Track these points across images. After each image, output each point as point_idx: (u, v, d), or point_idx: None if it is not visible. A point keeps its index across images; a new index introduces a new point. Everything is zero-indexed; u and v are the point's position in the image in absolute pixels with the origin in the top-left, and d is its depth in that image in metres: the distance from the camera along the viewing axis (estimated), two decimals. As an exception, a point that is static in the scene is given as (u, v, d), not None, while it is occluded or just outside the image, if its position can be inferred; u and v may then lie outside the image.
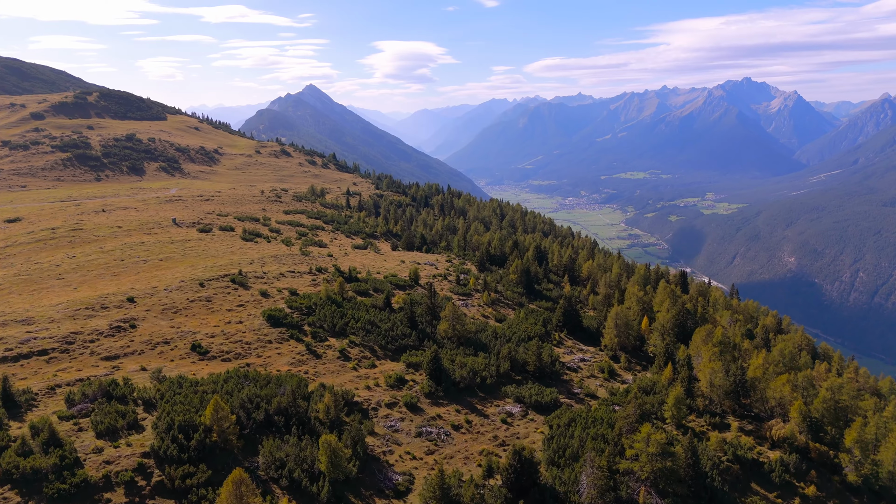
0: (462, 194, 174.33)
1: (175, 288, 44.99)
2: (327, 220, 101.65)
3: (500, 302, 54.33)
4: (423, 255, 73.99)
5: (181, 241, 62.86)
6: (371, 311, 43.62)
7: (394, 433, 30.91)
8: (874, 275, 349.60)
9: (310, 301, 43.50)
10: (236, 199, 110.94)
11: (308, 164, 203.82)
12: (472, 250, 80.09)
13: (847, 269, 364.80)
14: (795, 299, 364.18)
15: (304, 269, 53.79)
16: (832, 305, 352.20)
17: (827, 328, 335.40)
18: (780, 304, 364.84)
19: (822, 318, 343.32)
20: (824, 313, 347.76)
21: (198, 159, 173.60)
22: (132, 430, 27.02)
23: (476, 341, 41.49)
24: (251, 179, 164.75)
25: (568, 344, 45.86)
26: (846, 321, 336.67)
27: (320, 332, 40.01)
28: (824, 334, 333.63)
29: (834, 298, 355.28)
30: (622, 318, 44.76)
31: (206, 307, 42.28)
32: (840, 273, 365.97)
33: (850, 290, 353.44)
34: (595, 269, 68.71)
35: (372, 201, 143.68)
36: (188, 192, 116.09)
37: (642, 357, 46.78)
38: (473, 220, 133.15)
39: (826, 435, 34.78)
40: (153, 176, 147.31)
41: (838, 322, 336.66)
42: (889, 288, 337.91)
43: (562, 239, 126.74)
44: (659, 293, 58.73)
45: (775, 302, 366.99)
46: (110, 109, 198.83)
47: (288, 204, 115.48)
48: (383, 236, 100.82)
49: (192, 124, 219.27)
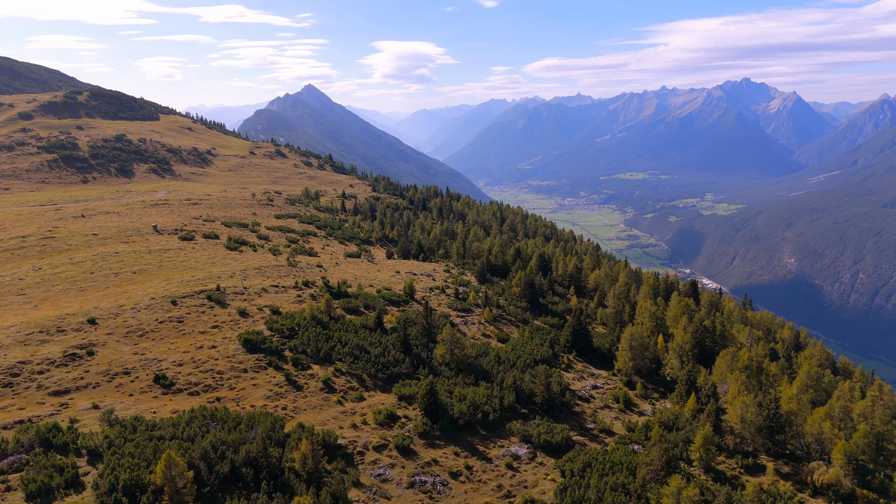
0: (461, 197, 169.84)
1: (144, 306, 40.71)
2: (320, 226, 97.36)
3: (502, 318, 50.14)
4: (419, 264, 69.79)
5: (159, 250, 58.53)
6: (360, 333, 39.41)
7: (382, 483, 26.71)
8: (874, 276, 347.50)
9: (292, 322, 39.26)
10: (226, 202, 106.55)
11: (303, 165, 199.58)
12: (472, 258, 75.93)
13: (847, 270, 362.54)
14: (795, 301, 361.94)
15: (289, 282, 49.53)
16: (832, 307, 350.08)
17: (827, 330, 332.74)
18: (780, 305, 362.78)
19: (822, 320, 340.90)
20: (824, 315, 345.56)
21: (190, 160, 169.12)
22: (70, 489, 22.75)
23: (477, 368, 37.31)
24: (244, 181, 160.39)
25: (578, 368, 41.71)
26: (847, 323, 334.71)
27: (303, 358, 35.77)
28: (824, 336, 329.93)
29: (834, 300, 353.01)
30: (637, 340, 40.66)
31: (176, 329, 38.01)
32: (840, 274, 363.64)
33: (851, 292, 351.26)
34: (602, 280, 64.62)
35: (368, 204, 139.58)
36: (176, 196, 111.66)
37: (659, 382, 42.66)
38: (473, 224, 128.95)
39: (874, 479, 30.75)
40: (142, 178, 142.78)
41: (839, 324, 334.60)
42: (889, 289, 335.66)
43: (564, 244, 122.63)
44: (672, 307, 54.69)
45: (775, 303, 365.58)
46: (101, 109, 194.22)
47: (280, 208, 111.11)
48: (379, 242, 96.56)
49: (186, 124, 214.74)
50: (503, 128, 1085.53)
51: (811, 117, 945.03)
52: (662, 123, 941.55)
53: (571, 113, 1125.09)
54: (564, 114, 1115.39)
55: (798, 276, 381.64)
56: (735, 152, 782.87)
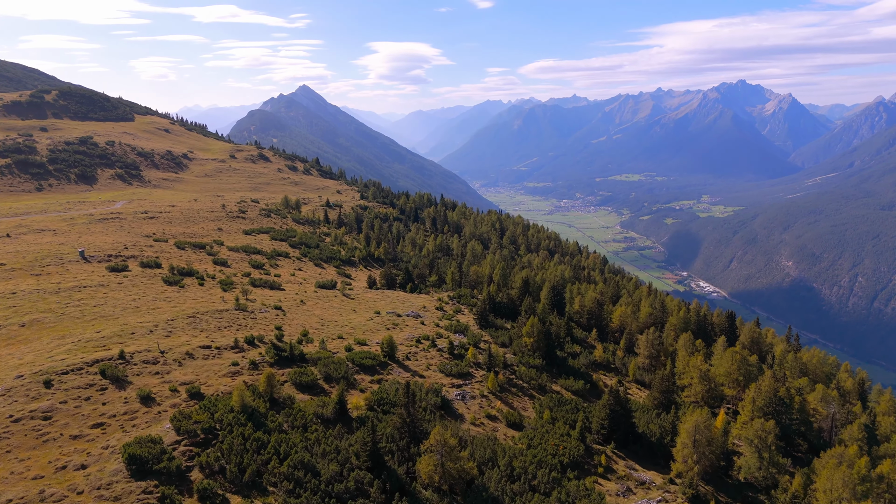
0: (457, 206, 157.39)
1: (3, 391, 28.38)
2: (295, 243, 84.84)
3: (511, 385, 38.17)
4: (406, 297, 57.70)
5: (72, 288, 46.02)
6: (312, 431, 27.32)
7: None
8: (873, 279, 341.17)
9: (213, 416, 27.05)
10: (190, 215, 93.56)
11: (288, 170, 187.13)
12: (470, 287, 63.94)
13: (846, 273, 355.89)
14: (794, 304, 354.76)
15: (227, 340, 37.26)
16: (831, 310, 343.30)
17: (826, 334, 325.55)
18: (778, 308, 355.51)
19: (820, 324, 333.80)
20: (823, 318, 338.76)
21: (162, 165, 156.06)
22: None
23: (480, 493, 25.33)
24: (221, 188, 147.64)
25: (620, 470, 29.89)
26: (845, 327, 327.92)
27: (217, 484, 23.65)
28: (823, 340, 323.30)
29: (833, 303, 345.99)
30: (703, 433, 28.95)
31: (36, 432, 25.72)
32: (839, 277, 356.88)
33: (849, 295, 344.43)
34: (628, 318, 52.87)
35: (354, 215, 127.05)
36: (136, 207, 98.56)
37: (731, 488, 30.85)
38: (470, 237, 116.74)
39: None
40: (106, 185, 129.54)
41: (837, 327, 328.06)
42: (889, 293, 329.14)
43: (570, 258, 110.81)
44: (724, 361, 43.14)
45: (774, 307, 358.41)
46: (70, 109, 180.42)
47: (252, 221, 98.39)
48: (362, 262, 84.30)
49: (163, 126, 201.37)
50: (499, 129, 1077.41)
51: (806, 119, 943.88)
52: (658, 125, 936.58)
53: (567, 114, 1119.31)
54: (560, 115, 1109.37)
55: (796, 279, 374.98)
56: (731, 154, 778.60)
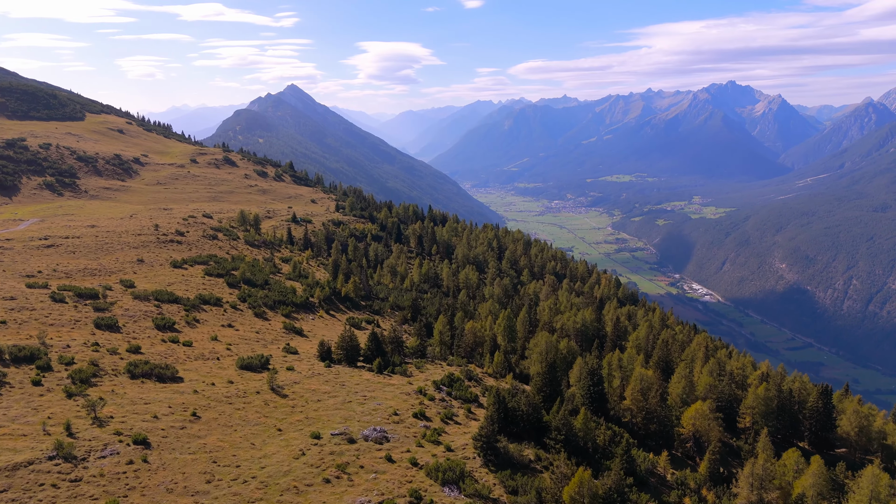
0: (448, 220, 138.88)
1: None
2: (236, 280, 67.79)
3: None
4: (371, 386, 42.69)
5: None
6: None
7: None
8: (868, 282, 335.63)
9: None
10: (105, 242, 76.40)
11: (256, 175, 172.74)
12: (466, 352, 50.31)
13: (840, 276, 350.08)
14: (788, 307, 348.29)
15: None
16: (825, 314, 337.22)
17: (820, 337, 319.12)
18: (772, 312, 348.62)
19: (815, 327, 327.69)
20: (817, 322, 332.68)
21: (106, 171, 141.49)
22: None
23: None
24: (172, 198, 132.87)
25: None
26: (840, 330, 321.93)
27: None
28: (818, 344, 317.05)
29: (827, 306, 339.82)
30: None
31: None
32: (833, 280, 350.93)
33: (844, 298, 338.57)
34: (706, 425, 37.23)
35: (325, 233, 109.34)
36: (43, 228, 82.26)
37: None
38: (463, 261, 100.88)
39: None
40: (29, 196, 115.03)
41: (832, 331, 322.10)
42: (884, 296, 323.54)
43: (582, 283, 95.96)
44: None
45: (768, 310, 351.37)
46: (8, 107, 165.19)
47: (190, 246, 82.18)
48: (325, 303, 69.35)
49: (117, 126, 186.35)
50: (489, 129, 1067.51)
51: (796, 120, 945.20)
52: (649, 126, 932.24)
53: (557, 115, 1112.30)
54: (550, 115, 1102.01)
55: (790, 282, 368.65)
56: (722, 155, 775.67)
